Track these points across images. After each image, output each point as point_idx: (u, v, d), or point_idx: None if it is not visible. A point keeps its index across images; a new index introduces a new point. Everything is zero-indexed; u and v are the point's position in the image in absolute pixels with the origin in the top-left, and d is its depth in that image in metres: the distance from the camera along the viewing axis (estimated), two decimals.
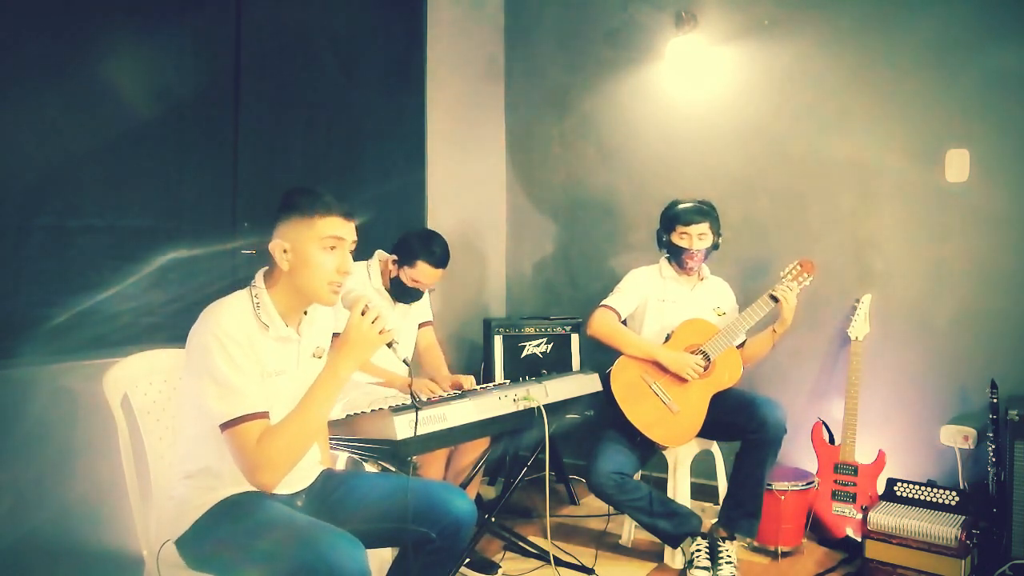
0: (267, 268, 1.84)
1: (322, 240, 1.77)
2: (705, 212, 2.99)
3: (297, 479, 1.91)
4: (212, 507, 1.77)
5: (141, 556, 1.86)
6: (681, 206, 3.01)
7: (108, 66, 2.45)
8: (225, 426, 1.67)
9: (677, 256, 3.02)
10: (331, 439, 2.28)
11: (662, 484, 3.06)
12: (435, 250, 2.79)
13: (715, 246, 3.03)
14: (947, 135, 3.13)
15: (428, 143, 3.74)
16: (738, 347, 3.02)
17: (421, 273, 2.78)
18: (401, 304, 2.90)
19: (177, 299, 2.56)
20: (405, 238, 2.83)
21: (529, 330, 3.63)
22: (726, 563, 2.78)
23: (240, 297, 1.79)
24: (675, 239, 2.99)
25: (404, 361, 1.85)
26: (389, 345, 1.79)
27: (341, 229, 1.79)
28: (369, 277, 2.85)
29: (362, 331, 1.73)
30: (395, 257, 2.82)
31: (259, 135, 2.94)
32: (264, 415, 1.70)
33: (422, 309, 3.06)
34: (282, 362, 1.83)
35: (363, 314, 1.74)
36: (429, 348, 3.07)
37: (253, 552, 1.66)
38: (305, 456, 1.92)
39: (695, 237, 2.96)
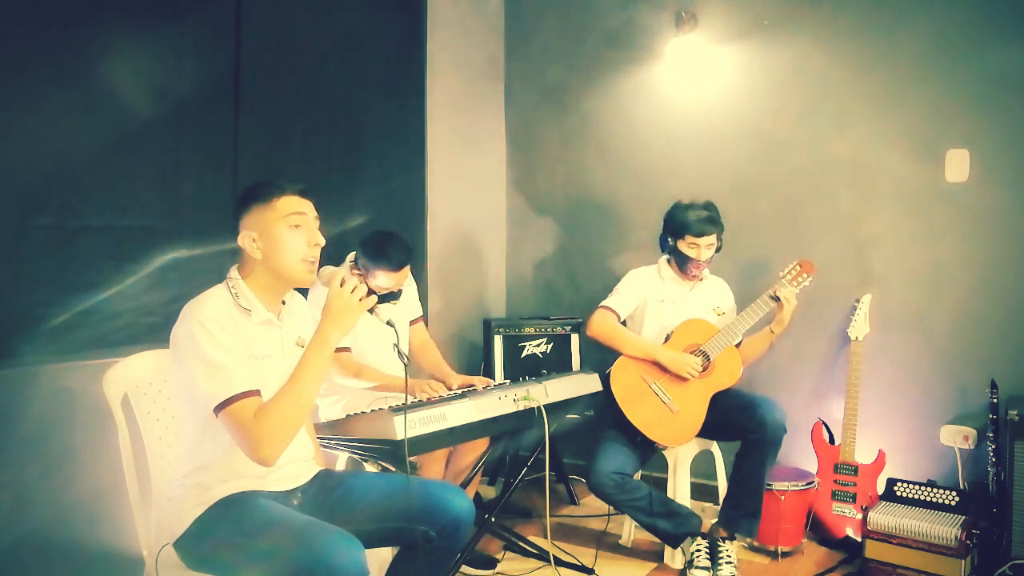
0: (239, 263, 1.88)
1: (286, 219, 1.81)
2: (715, 221, 2.96)
3: (292, 475, 1.92)
4: (209, 507, 1.77)
5: (141, 557, 1.86)
6: (692, 214, 2.95)
7: (108, 66, 2.45)
8: (220, 407, 1.67)
9: (683, 263, 3.00)
10: (331, 439, 2.28)
11: (662, 484, 3.06)
12: (391, 255, 2.70)
13: (717, 250, 3.03)
14: (947, 135, 3.13)
15: (428, 143, 3.74)
16: (735, 347, 3.01)
17: (384, 280, 2.72)
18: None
19: (177, 299, 2.53)
20: (362, 246, 2.75)
21: (529, 330, 3.63)
22: (726, 563, 2.78)
23: (218, 289, 1.83)
24: (683, 248, 2.97)
25: (388, 323, 1.86)
26: (371, 311, 1.83)
27: (300, 206, 1.84)
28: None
29: (343, 299, 1.77)
30: (359, 271, 2.76)
31: (259, 135, 2.93)
32: (256, 393, 1.71)
33: (408, 306, 3.04)
34: (268, 346, 1.85)
35: (341, 285, 1.78)
36: (424, 346, 3.05)
37: (252, 552, 1.66)
38: (299, 452, 1.94)
39: (704, 248, 2.95)
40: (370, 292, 2.75)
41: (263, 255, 1.81)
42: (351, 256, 2.88)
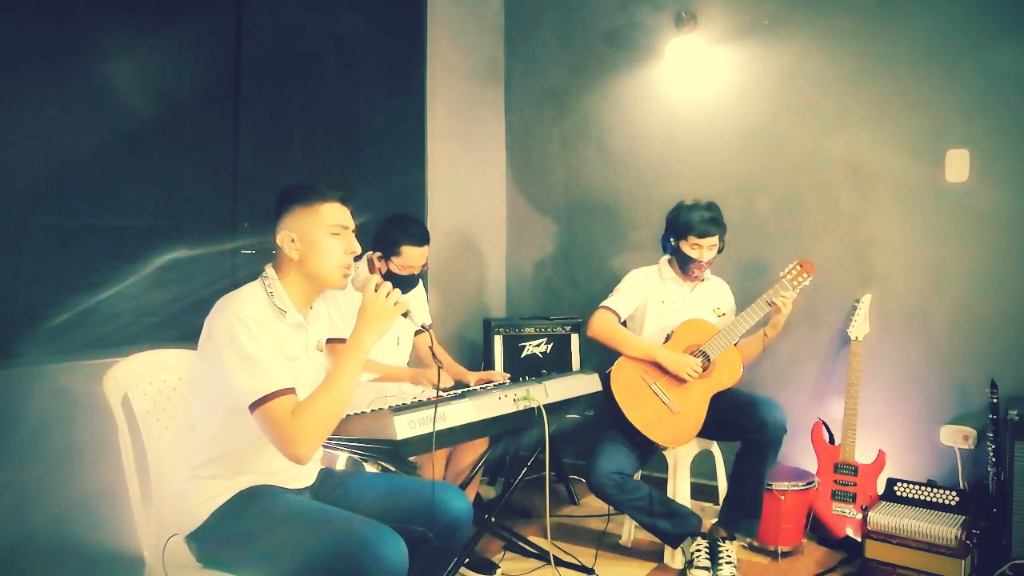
0: (275, 261, 1.89)
1: (328, 226, 1.85)
2: (719, 222, 2.96)
3: (302, 475, 1.94)
4: (230, 498, 1.78)
5: (141, 556, 1.86)
6: (696, 215, 2.94)
7: (108, 66, 2.45)
8: (256, 404, 1.68)
9: (685, 264, 3.00)
10: (331, 439, 2.27)
11: (662, 484, 3.06)
12: (413, 231, 2.78)
13: (719, 251, 3.03)
14: (947, 135, 3.13)
15: (428, 143, 3.74)
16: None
17: (408, 257, 2.76)
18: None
19: (177, 299, 2.56)
20: (380, 230, 2.81)
21: (529, 330, 3.63)
22: (726, 563, 2.78)
23: (254, 287, 1.85)
24: (686, 248, 2.97)
25: (422, 326, 1.92)
26: (405, 315, 1.87)
27: (342, 215, 1.89)
28: None
29: (378, 304, 1.81)
30: (379, 253, 2.81)
31: (259, 135, 2.94)
32: (293, 391, 1.73)
33: (420, 313, 3.05)
34: (296, 348, 1.87)
35: (376, 291, 1.82)
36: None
37: (286, 540, 1.68)
38: None
39: (706, 248, 2.95)
40: (387, 276, 2.80)
41: (300, 257, 1.84)
42: (367, 255, 2.90)
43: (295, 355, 1.86)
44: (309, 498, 1.93)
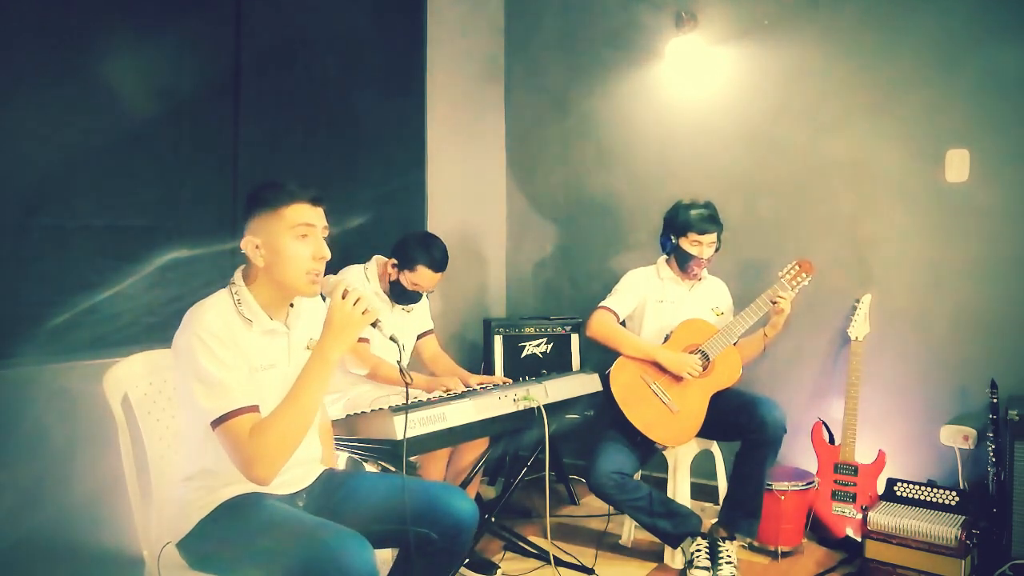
0: (245, 266, 1.83)
1: (293, 229, 1.75)
2: (716, 220, 2.98)
3: (297, 478, 1.91)
4: (215, 508, 1.76)
5: (141, 556, 1.86)
6: (694, 212, 2.96)
7: (108, 66, 2.45)
8: (216, 423, 1.66)
9: (685, 262, 3.01)
10: (334, 439, 2.27)
11: (662, 484, 3.06)
12: (435, 254, 2.79)
13: (716, 250, 3.03)
14: (947, 135, 3.13)
15: (428, 143, 3.74)
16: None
17: (421, 277, 2.78)
18: (399, 308, 2.90)
19: (177, 299, 2.55)
20: (405, 241, 2.83)
21: (529, 330, 3.63)
22: (726, 563, 2.78)
23: (220, 296, 1.79)
24: (686, 246, 2.98)
25: (391, 338, 1.80)
26: (374, 325, 1.78)
27: (310, 216, 1.78)
28: (367, 280, 2.84)
29: (345, 313, 1.72)
30: (395, 261, 2.82)
31: (259, 135, 2.93)
32: (254, 409, 1.69)
33: (421, 319, 3.06)
34: (271, 356, 1.82)
35: (344, 298, 1.74)
36: (436, 357, 3.07)
37: (260, 551, 1.65)
38: (305, 455, 1.92)
39: (706, 245, 2.97)
40: (398, 298, 2.80)
41: (265, 263, 1.77)
42: (376, 258, 2.90)
43: (271, 363, 1.80)
44: (306, 499, 1.92)
